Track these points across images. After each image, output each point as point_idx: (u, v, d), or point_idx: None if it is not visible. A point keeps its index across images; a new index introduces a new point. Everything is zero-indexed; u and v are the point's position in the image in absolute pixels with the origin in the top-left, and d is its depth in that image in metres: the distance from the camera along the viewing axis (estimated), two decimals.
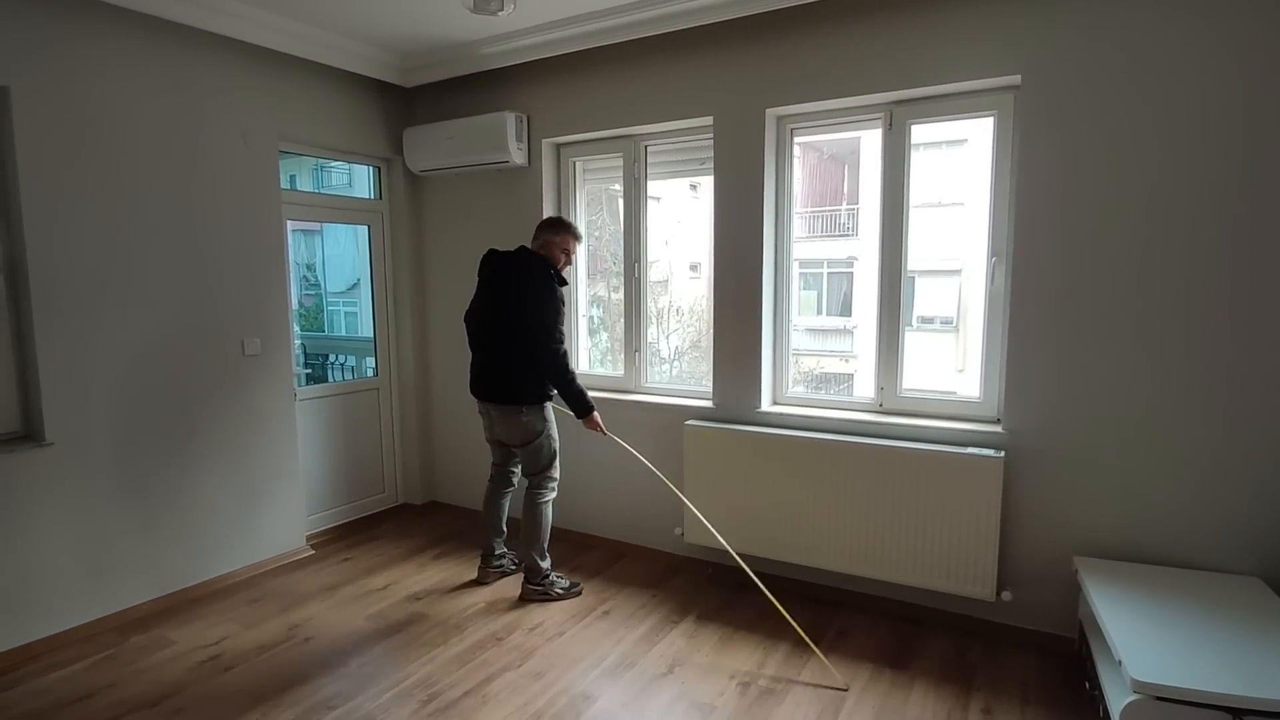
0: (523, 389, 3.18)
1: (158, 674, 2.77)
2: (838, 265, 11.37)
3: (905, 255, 3.13)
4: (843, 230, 11.45)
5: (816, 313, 11.51)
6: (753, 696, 2.57)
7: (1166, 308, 2.57)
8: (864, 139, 10.45)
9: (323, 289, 4.49)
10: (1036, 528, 2.86)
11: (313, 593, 3.45)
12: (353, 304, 4.53)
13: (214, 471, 3.47)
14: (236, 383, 3.54)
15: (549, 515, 3.34)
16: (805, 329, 10.23)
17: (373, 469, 4.45)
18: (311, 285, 4.48)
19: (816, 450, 3.14)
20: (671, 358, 4.79)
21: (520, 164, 3.89)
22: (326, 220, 4.14)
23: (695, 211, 6.38)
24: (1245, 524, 2.53)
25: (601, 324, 4.30)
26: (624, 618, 3.17)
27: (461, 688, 2.64)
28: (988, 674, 2.71)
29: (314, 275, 4.45)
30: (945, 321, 9.16)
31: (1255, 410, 2.48)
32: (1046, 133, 2.69)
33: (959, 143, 8.90)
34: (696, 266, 6.19)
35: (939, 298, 8.93)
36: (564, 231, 3.29)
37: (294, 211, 3.90)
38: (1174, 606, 2.30)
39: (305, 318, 4.39)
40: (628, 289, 3.86)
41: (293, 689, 2.65)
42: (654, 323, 4.02)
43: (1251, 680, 1.90)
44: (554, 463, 3.33)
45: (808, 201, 11.52)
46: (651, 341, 3.94)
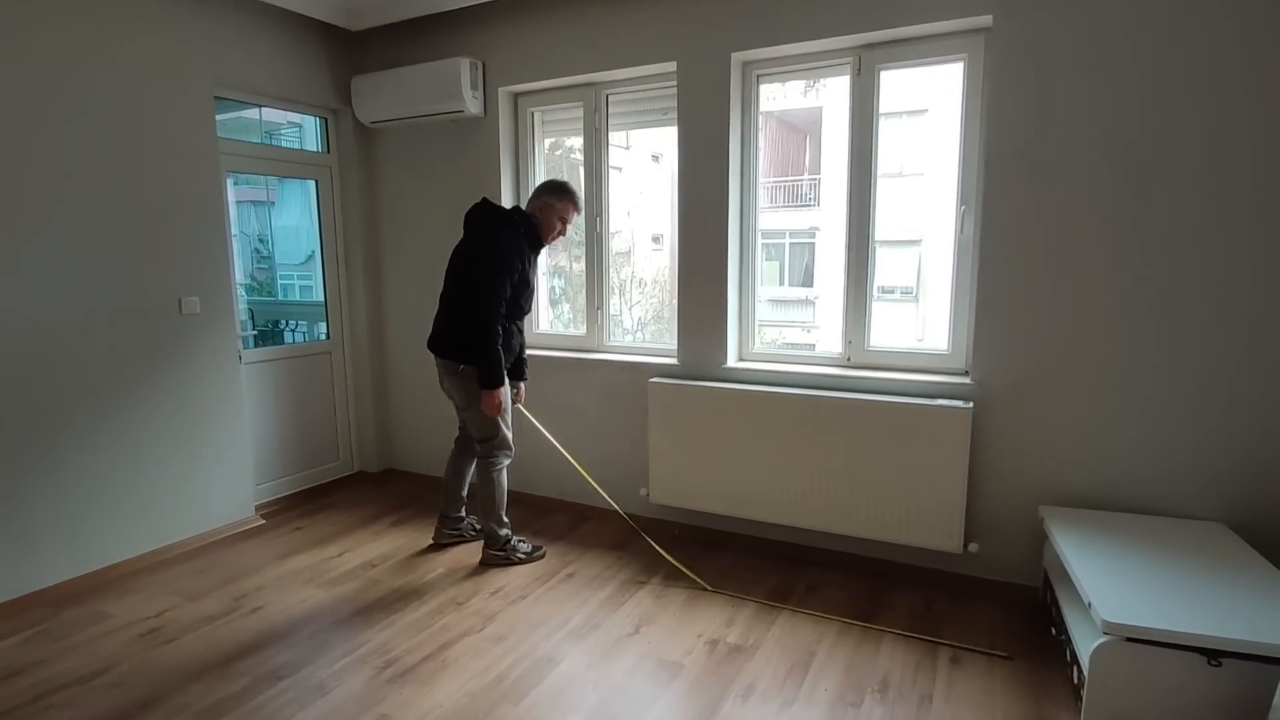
0: (461, 346, 3.03)
1: (93, 649, 2.60)
2: (800, 236, 11.36)
3: (874, 193, 3.04)
4: (804, 201, 11.42)
5: (779, 284, 11.51)
6: (721, 653, 2.52)
7: (1137, 257, 2.54)
8: (826, 108, 10.40)
9: (274, 262, 4.26)
10: (1003, 479, 2.84)
11: (262, 562, 3.29)
12: (308, 277, 4.31)
13: (153, 438, 3.27)
14: (175, 344, 3.33)
15: (502, 483, 3.21)
16: (768, 300, 10.22)
17: (326, 436, 4.27)
18: (264, 258, 4.24)
19: (783, 406, 3.07)
20: (635, 329, 4.70)
21: (475, 114, 3.71)
22: (270, 173, 3.91)
23: (657, 182, 6.27)
24: (1209, 470, 2.53)
25: (564, 294, 4.17)
26: (589, 580, 3.09)
27: (420, 653, 2.53)
28: (955, 625, 2.70)
29: (266, 248, 4.22)
30: (905, 291, 9.21)
31: (1220, 359, 2.47)
32: (1017, 75, 2.62)
33: (920, 113, 8.90)
34: (659, 239, 6.08)
35: (899, 268, 8.97)
36: (567, 198, 3.10)
37: (234, 163, 3.67)
38: (1141, 551, 2.30)
39: (257, 290, 4.17)
40: (589, 243, 3.73)
41: (239, 659, 2.51)
42: (617, 294, 3.91)
43: (1225, 622, 1.88)
44: (498, 431, 3.16)
45: (769, 172, 11.46)
46: (615, 314, 3.83)
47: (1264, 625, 1.87)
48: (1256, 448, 2.46)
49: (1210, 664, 1.86)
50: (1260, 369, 2.43)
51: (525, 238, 3.05)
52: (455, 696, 2.28)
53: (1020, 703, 2.23)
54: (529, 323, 3.98)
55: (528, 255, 3.06)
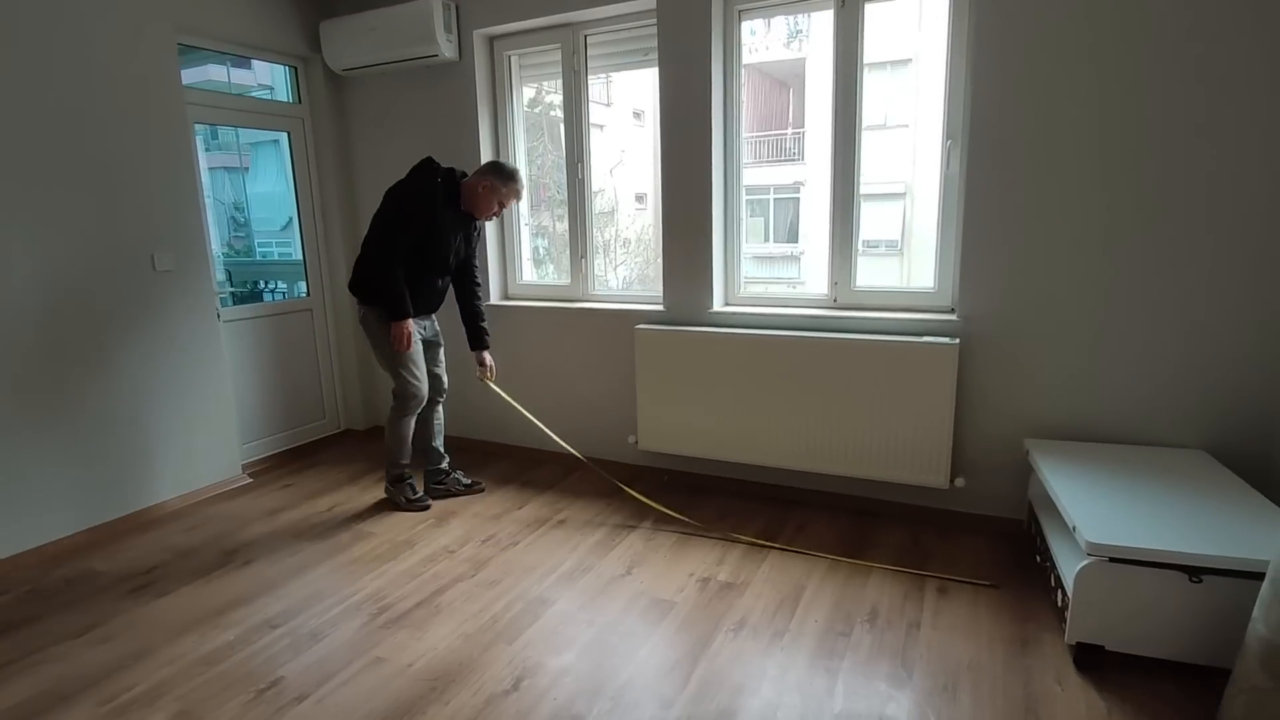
0: (362, 285, 3.10)
1: (85, 605, 2.59)
2: (784, 191, 11.25)
3: (859, 122, 2.99)
4: (788, 155, 11.28)
5: (764, 240, 11.43)
6: (713, 591, 2.55)
7: (1120, 190, 2.52)
8: (809, 60, 10.21)
9: (251, 229, 4.15)
10: (989, 414, 2.86)
11: (251, 519, 3.28)
12: (287, 244, 4.21)
13: (135, 397, 3.22)
14: (151, 302, 3.26)
15: (398, 431, 3.27)
16: (753, 256, 10.16)
17: (311, 395, 4.23)
18: (241, 225, 4.14)
19: (771, 348, 3.06)
20: (620, 289, 4.66)
21: (450, 58, 3.60)
22: (240, 124, 3.78)
23: (639, 140, 6.14)
24: (1190, 400, 2.56)
25: (548, 254, 4.11)
26: (579, 525, 3.11)
27: (413, 599, 2.54)
28: (942, 557, 2.74)
29: (242, 214, 4.11)
30: (890, 245, 9.18)
31: (1200, 289, 2.48)
32: (1004, 4, 2.57)
33: (904, 63, 8.76)
34: (642, 198, 5.99)
35: (884, 222, 8.92)
36: (512, 184, 3.09)
37: (202, 114, 3.56)
38: (1124, 477, 2.33)
39: (236, 256, 4.09)
40: (570, 189, 3.66)
41: (232, 610, 2.52)
42: (601, 254, 3.86)
43: (1205, 540, 1.92)
44: (398, 375, 3.16)
45: (753, 126, 11.29)
46: (600, 274, 3.78)
47: (1243, 542, 1.90)
48: (1235, 377, 2.49)
49: (1191, 580, 1.90)
50: (1236, 301, 2.44)
51: (447, 197, 3.04)
52: (450, 639, 2.30)
53: (1006, 626, 2.28)
54: (511, 275, 3.93)
55: (445, 216, 3.04)
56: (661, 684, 2.05)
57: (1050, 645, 2.18)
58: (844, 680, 2.04)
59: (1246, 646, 1.76)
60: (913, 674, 2.06)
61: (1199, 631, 1.92)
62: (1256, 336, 2.44)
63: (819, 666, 2.10)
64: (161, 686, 2.11)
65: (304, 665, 2.19)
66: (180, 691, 2.08)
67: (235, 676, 2.15)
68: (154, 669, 2.20)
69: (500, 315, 3.84)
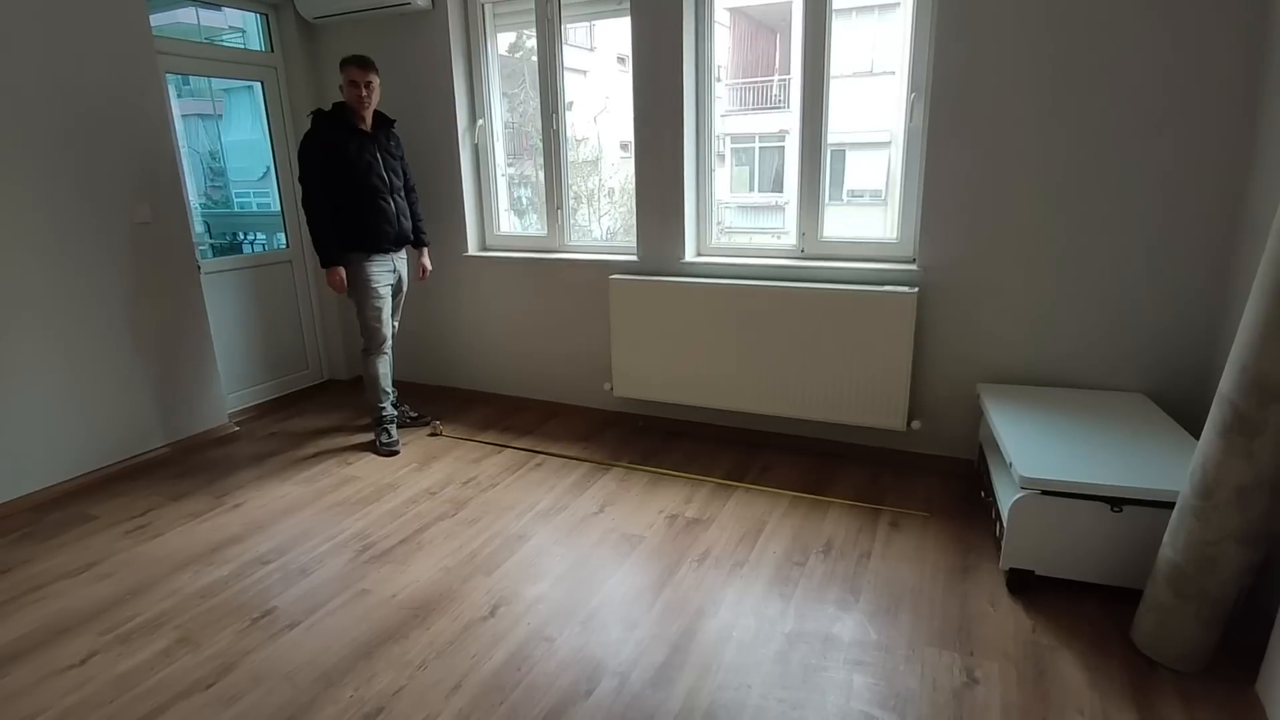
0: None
1: (81, 545, 2.72)
2: (769, 140, 11.17)
3: (828, 68, 3.04)
4: (774, 103, 11.16)
5: (749, 189, 11.40)
6: (680, 526, 2.71)
7: (1074, 149, 2.61)
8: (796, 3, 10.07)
9: (228, 179, 4.14)
10: (945, 359, 3.00)
11: (240, 463, 3.40)
12: (265, 194, 4.21)
13: (120, 346, 3.29)
14: (130, 254, 3.30)
15: (369, 371, 3.49)
16: (737, 206, 10.15)
17: (294, 345, 4.31)
18: (218, 175, 4.13)
19: (739, 297, 3.17)
20: (605, 239, 4.69)
21: (424, 5, 3.59)
22: (212, 74, 3.77)
23: (624, 86, 6.08)
24: (1131, 345, 2.70)
25: (530, 205, 4.14)
26: (556, 468, 3.25)
27: (396, 537, 2.69)
28: (897, 494, 2.91)
29: (218, 163, 4.10)
30: (874, 194, 9.21)
31: (1145, 244, 2.59)
32: None
33: (892, 6, 8.64)
34: (627, 145, 5.95)
35: (869, 171, 8.93)
36: (345, 67, 3.19)
37: (173, 64, 3.54)
38: (1063, 418, 2.48)
39: (213, 207, 4.09)
40: (545, 140, 3.70)
41: (225, 548, 2.65)
42: (585, 204, 3.90)
43: (1128, 474, 2.08)
44: (360, 314, 3.39)
45: (738, 73, 11.12)
46: (584, 224, 3.83)
47: (1161, 475, 2.07)
48: (1173, 324, 2.63)
49: (1113, 510, 2.06)
50: (1177, 252, 2.56)
51: (330, 124, 3.20)
52: (431, 571, 2.45)
53: (948, 555, 2.45)
54: (488, 226, 3.98)
55: (341, 139, 3.19)
56: (629, 609, 2.21)
57: (988, 572, 2.36)
58: (796, 604, 2.21)
59: (1157, 569, 1.93)
60: (859, 598, 2.24)
61: (1118, 557, 2.10)
62: (1201, 286, 2.57)
63: (774, 592, 2.27)
64: (161, 617, 2.25)
65: (294, 597, 2.33)
66: (179, 621, 2.23)
67: (231, 607, 2.29)
68: (153, 602, 2.34)
69: (477, 267, 3.91)
